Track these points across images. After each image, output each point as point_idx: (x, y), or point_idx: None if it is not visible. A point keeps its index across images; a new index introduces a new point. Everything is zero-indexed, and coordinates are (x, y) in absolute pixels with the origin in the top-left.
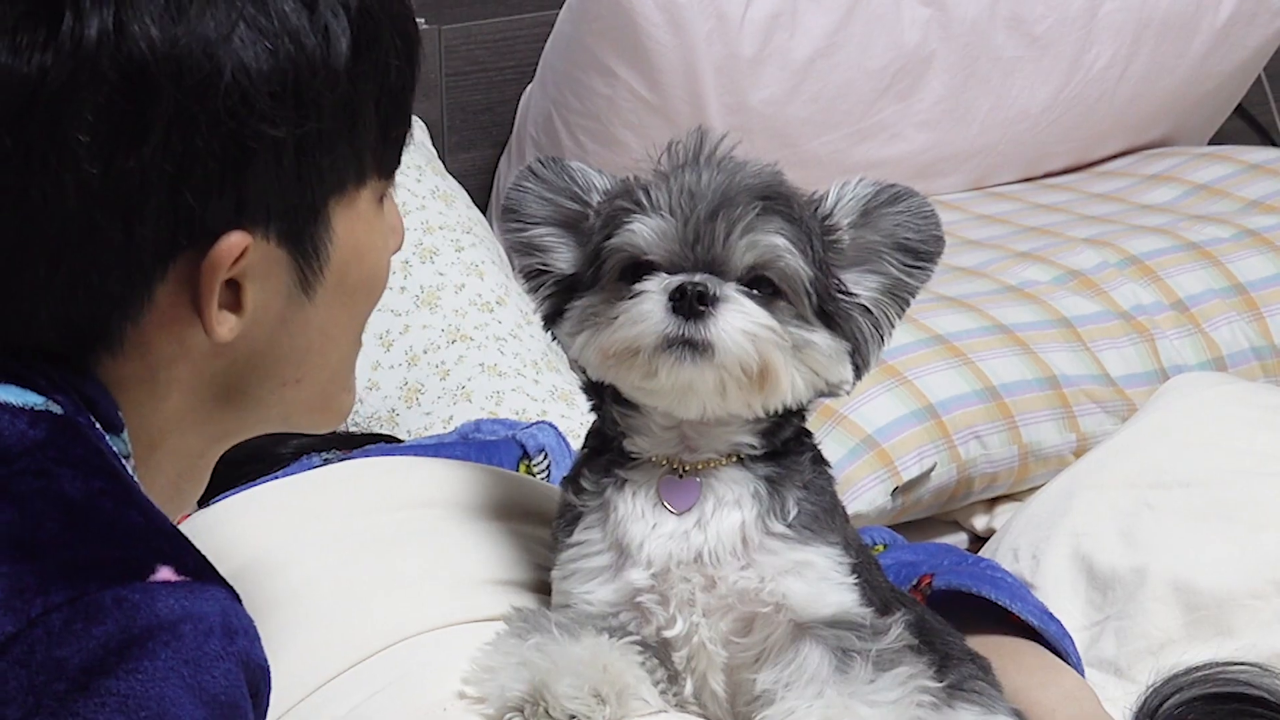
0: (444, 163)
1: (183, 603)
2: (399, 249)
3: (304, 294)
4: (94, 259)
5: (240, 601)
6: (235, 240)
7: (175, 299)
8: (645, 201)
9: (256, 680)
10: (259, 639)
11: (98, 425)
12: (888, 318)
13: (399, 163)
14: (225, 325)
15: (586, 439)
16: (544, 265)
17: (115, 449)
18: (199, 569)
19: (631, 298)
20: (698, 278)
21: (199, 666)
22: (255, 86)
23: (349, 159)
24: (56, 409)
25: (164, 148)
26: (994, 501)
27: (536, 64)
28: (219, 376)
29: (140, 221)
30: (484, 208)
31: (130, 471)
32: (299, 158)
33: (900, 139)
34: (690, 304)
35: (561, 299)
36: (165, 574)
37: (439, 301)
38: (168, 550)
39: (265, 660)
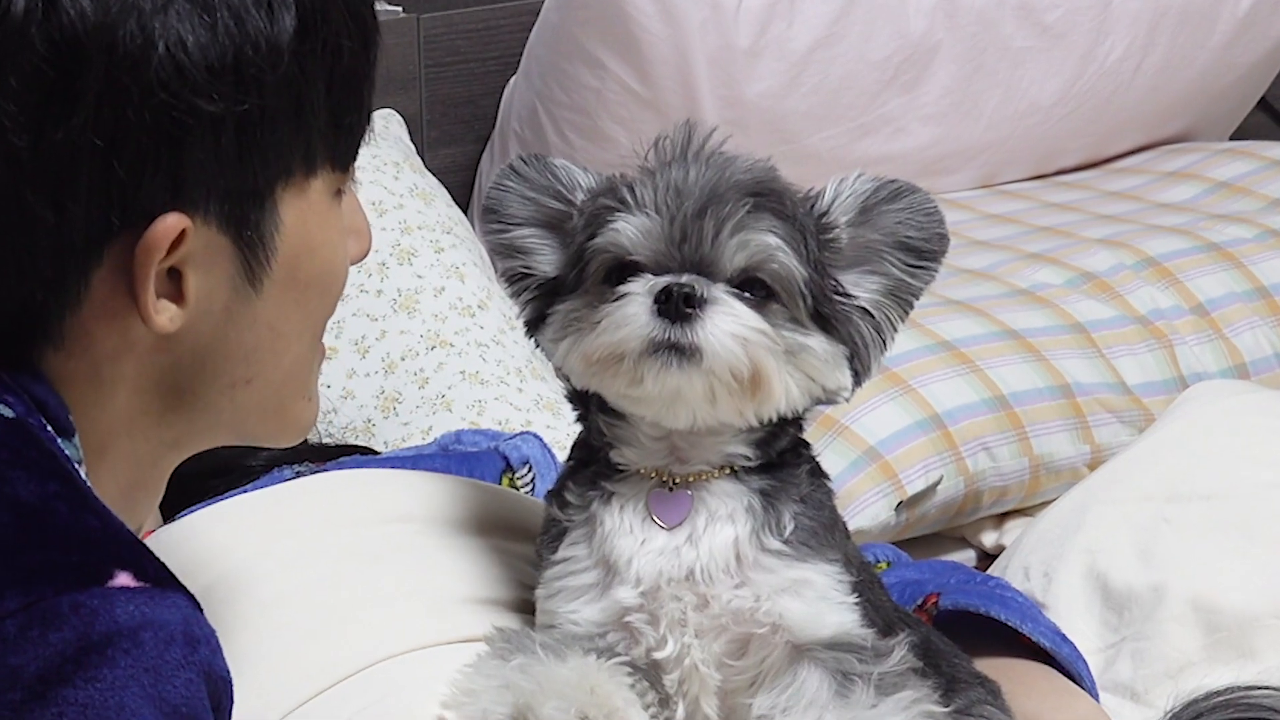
0: (423, 159)
1: (143, 609)
2: (364, 254)
3: (250, 286)
4: (26, 239)
5: (201, 611)
6: (172, 222)
7: (113, 286)
8: (630, 199)
9: (218, 693)
10: (221, 650)
11: (49, 428)
12: (889, 321)
13: (355, 156)
14: (165, 314)
15: (572, 450)
16: (527, 268)
17: (67, 454)
18: (159, 576)
19: (615, 300)
20: (684, 279)
21: (160, 675)
22: (191, 60)
23: (295, 143)
24: (8, 411)
25: (94, 120)
26: (1003, 517)
27: (521, 54)
28: (166, 374)
29: (72, 199)
30: (465, 206)
31: (84, 477)
32: (239, 137)
33: (904, 134)
34: (676, 306)
35: (544, 303)
36: (124, 580)
37: (418, 306)
38: (126, 556)
39: (228, 672)
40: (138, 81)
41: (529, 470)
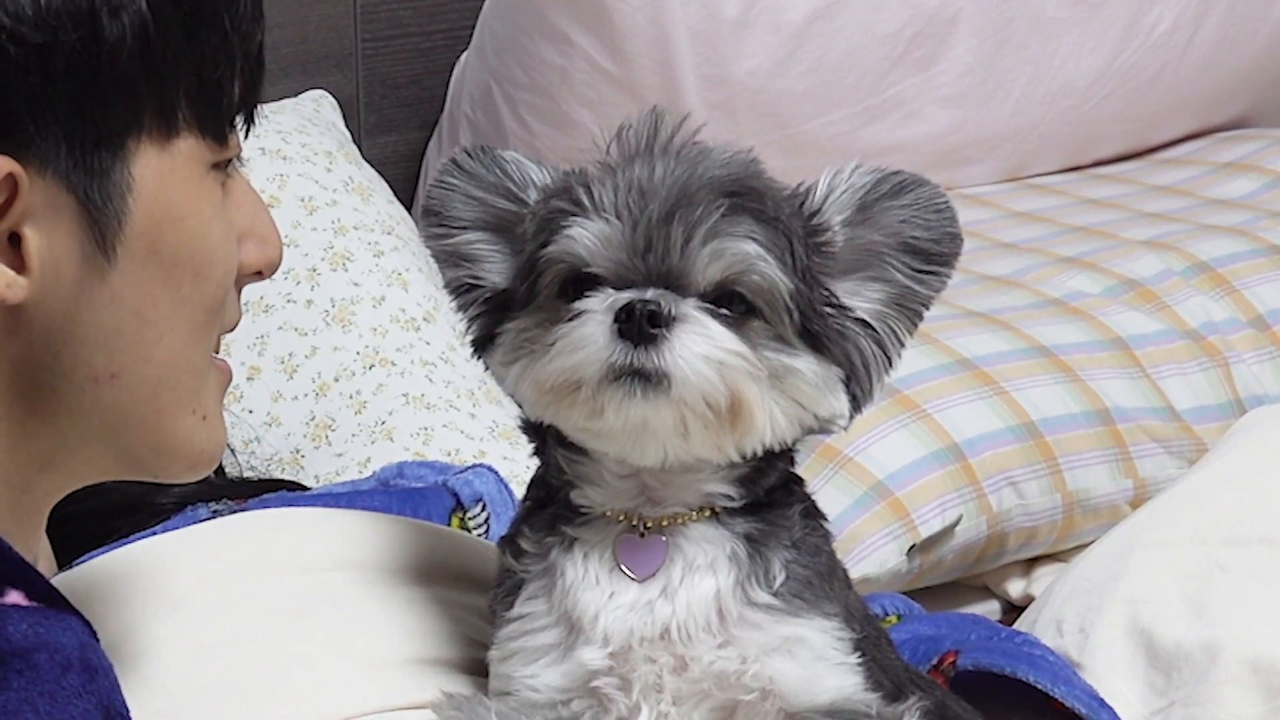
0: (360, 148)
1: (37, 629)
2: (270, 264)
3: (104, 256)
4: None
5: (98, 639)
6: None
7: None
8: (586, 201)
9: None
10: (120, 687)
11: None
12: (894, 334)
13: (229, 123)
14: (2, 280)
15: (529, 489)
16: (474, 278)
17: None
18: (50, 597)
19: (570, 319)
20: (649, 294)
21: (55, 701)
22: None
23: (147, 92)
24: None
25: None
26: (1032, 562)
27: (473, 27)
28: (18, 365)
29: None
30: (408, 203)
31: None
32: (73, 73)
33: (918, 119)
34: (640, 326)
35: (494, 319)
36: (15, 597)
37: (353, 318)
38: (15, 573)
39: (128, 710)
40: None
41: (482, 509)
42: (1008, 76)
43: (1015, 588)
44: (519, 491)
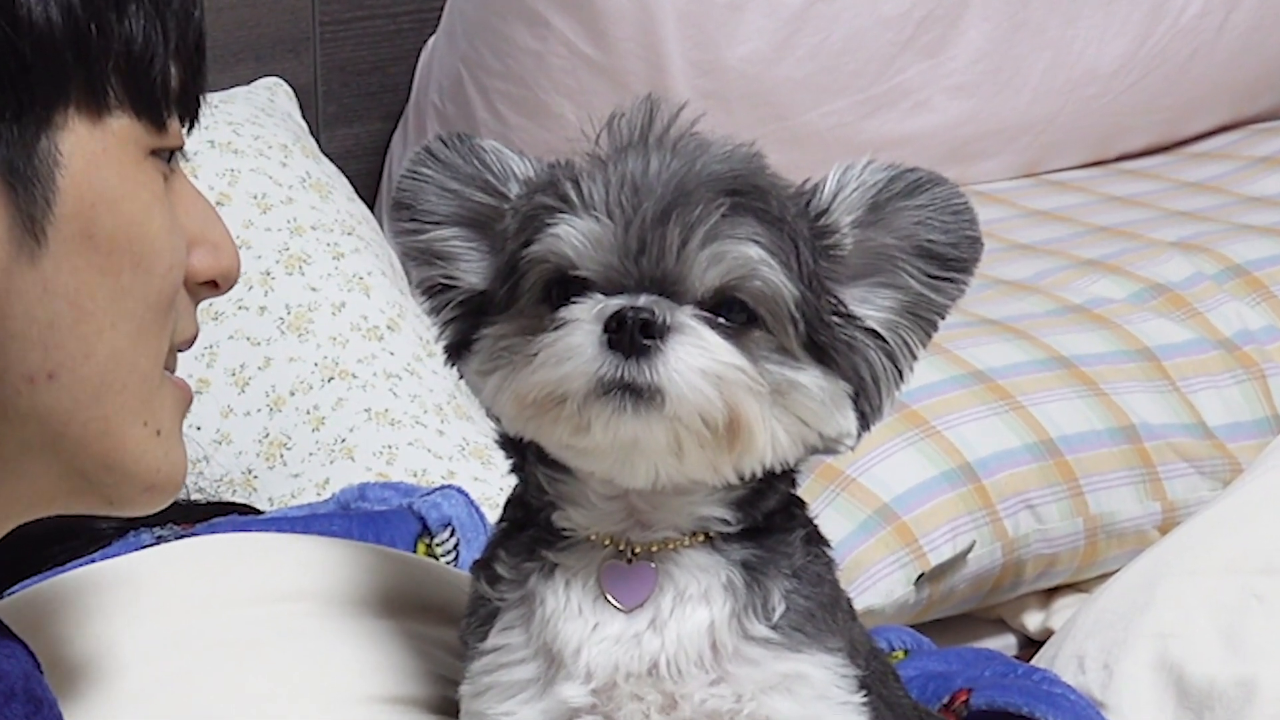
0: (318, 141)
1: None
2: (223, 273)
3: (33, 239)
4: None
5: (42, 671)
6: None
7: None
8: (574, 197)
9: None
10: None
11: None
12: (906, 346)
13: (166, 108)
14: None
15: (505, 510)
16: (448, 278)
17: None
18: None
19: (556, 327)
20: (642, 301)
21: None
22: None
23: (69, 60)
24: None
25: None
26: (1052, 593)
27: (441, 9)
28: None
29: None
30: (371, 201)
31: None
32: None
33: (927, 109)
34: (631, 336)
35: (470, 324)
36: None
37: (310, 326)
38: None
39: None
40: None
41: (451, 534)
42: (1024, 62)
43: (1033, 620)
44: (491, 515)
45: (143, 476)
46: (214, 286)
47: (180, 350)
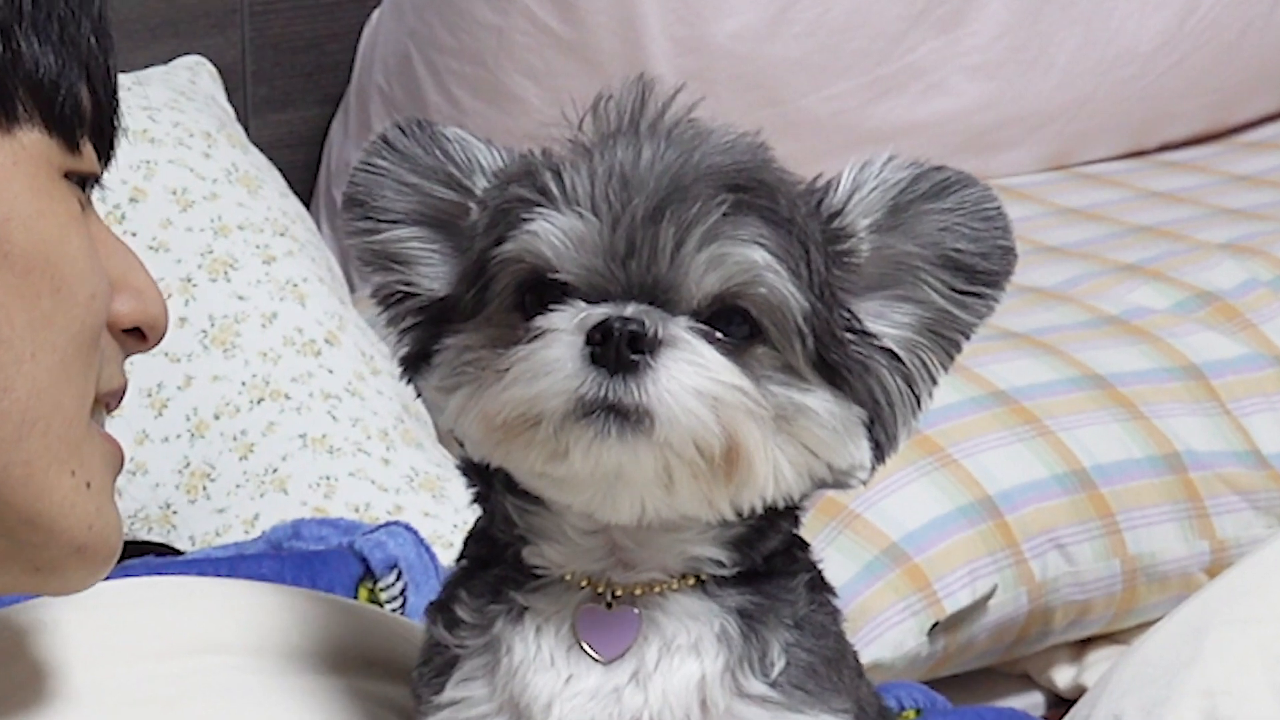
0: (246, 128)
1: None
2: (148, 320)
3: None
4: None
5: None
6: None
7: None
8: (555, 190)
9: None
10: None
11: None
12: (926, 368)
13: (80, 128)
14: None
15: (467, 544)
16: (407, 284)
17: None
18: None
19: (531, 338)
20: (630, 310)
21: None
22: None
23: None
24: None
25: None
26: (1084, 644)
27: None
28: None
29: None
30: (308, 197)
31: None
32: None
33: (941, 92)
34: (618, 350)
35: (430, 333)
36: None
37: (238, 340)
38: None
39: None
40: None
41: (397, 577)
42: (1053, 39)
43: (1063, 676)
44: (444, 555)
45: (72, 533)
46: (141, 339)
47: (108, 406)
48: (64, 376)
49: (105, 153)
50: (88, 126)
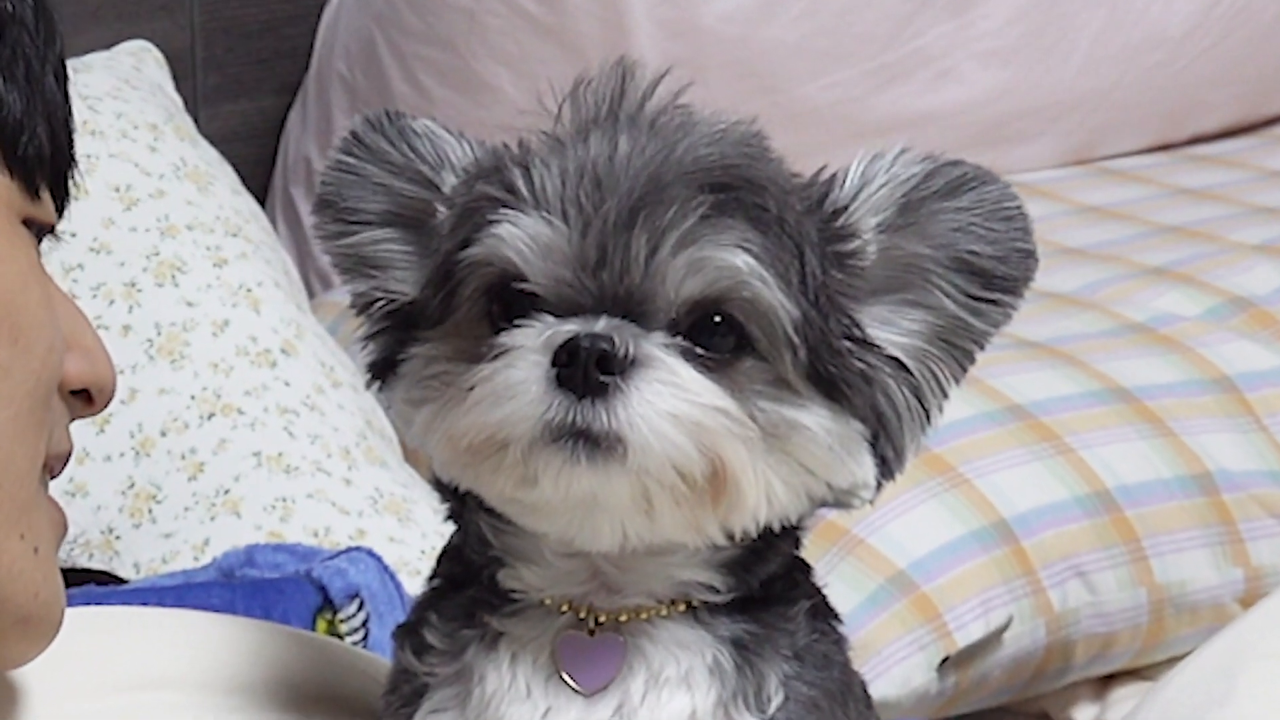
0: (195, 120)
1: None
2: (98, 381)
3: None
4: None
5: None
6: None
7: None
8: (523, 188)
9: None
10: None
11: None
12: (936, 380)
13: (41, 172)
14: None
15: (439, 564)
16: (382, 290)
17: None
18: None
19: (495, 356)
20: (600, 326)
21: None
22: None
23: None
24: None
25: None
26: (1108, 681)
27: None
28: None
29: None
30: (263, 194)
31: None
32: None
33: (952, 80)
34: (586, 372)
35: (398, 338)
36: None
37: (186, 350)
38: None
39: None
40: None
41: (359, 607)
42: (1073, 23)
43: (1085, 715)
44: (410, 583)
45: (18, 601)
46: (88, 402)
47: (53, 471)
48: (18, 433)
49: (60, 202)
50: (48, 171)
